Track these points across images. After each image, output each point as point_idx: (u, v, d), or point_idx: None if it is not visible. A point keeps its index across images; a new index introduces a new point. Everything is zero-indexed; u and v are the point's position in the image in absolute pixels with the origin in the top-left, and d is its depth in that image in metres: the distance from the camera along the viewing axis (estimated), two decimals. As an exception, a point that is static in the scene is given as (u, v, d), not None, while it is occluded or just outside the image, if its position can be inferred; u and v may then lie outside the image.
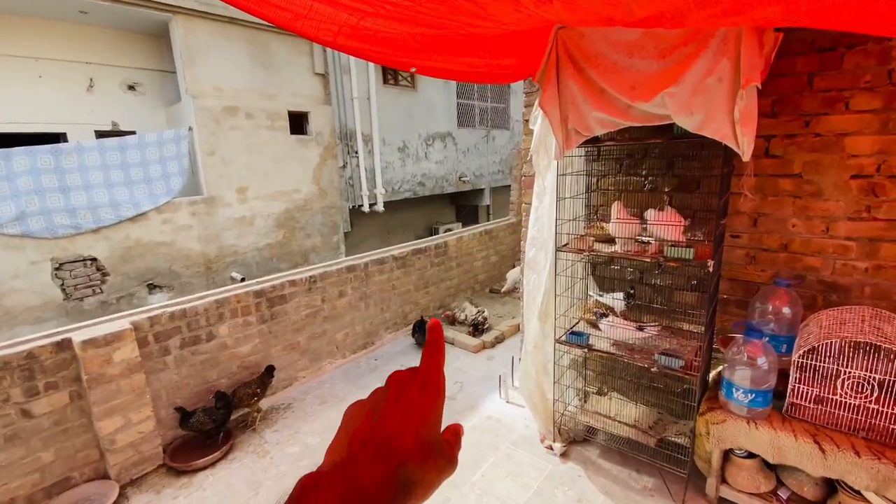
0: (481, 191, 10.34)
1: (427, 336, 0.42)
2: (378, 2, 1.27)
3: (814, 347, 2.00)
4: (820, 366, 2.01)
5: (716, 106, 1.82)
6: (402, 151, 8.35)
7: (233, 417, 3.09)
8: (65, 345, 2.45)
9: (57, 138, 5.86)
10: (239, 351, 3.25)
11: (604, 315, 2.58)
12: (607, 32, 2.01)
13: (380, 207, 7.85)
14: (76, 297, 5.14)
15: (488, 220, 9.60)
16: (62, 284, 5.03)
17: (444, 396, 0.40)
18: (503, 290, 5.66)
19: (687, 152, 2.45)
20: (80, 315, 5.09)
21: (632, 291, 2.59)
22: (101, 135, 6.09)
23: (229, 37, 6.10)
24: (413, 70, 1.88)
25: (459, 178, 9.51)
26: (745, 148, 1.81)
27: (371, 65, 7.43)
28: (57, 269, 4.98)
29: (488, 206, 10.65)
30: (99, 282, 5.28)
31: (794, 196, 2.31)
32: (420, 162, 8.70)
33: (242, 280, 6.12)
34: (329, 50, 7.09)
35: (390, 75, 8.17)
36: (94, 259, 5.21)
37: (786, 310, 2.22)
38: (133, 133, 6.11)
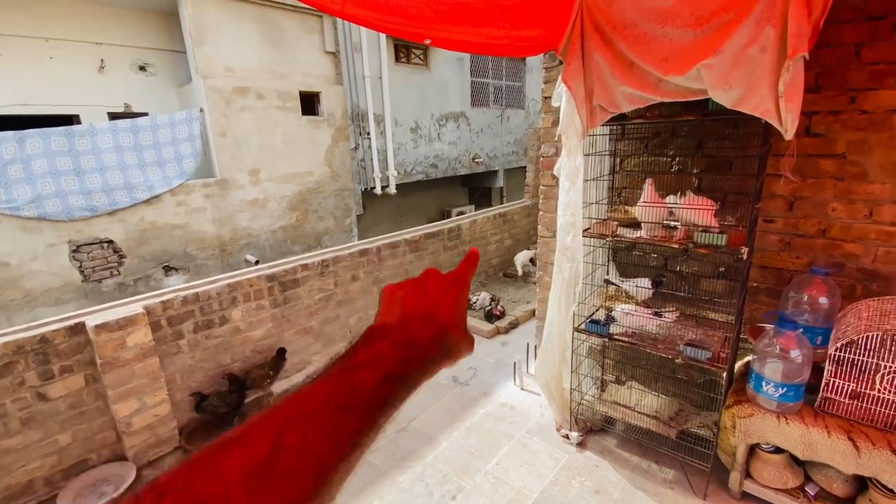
0: (495, 172, 10.14)
1: (467, 259, 0.52)
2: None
3: (852, 340, 1.88)
4: (858, 359, 1.89)
5: (758, 79, 1.67)
6: (414, 132, 8.19)
7: (247, 401, 3.10)
8: (78, 329, 2.45)
9: (70, 120, 5.86)
10: (252, 335, 3.24)
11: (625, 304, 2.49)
12: (638, -1, 1.86)
13: (392, 190, 7.76)
14: (94, 279, 5.20)
15: (502, 203, 9.44)
16: (80, 266, 5.08)
17: (468, 291, 0.51)
18: (519, 275, 5.55)
19: (720, 131, 2.29)
20: (98, 296, 5.16)
21: (662, 279, 2.47)
22: (113, 116, 6.07)
23: (239, 14, 5.97)
24: (428, 42, 1.76)
25: (473, 159, 9.33)
26: (788, 125, 1.67)
27: (383, 43, 7.24)
28: (74, 251, 5.03)
29: (502, 189, 10.47)
30: (116, 264, 5.32)
31: (835, 178, 2.15)
32: (433, 143, 8.54)
33: (257, 262, 6.13)
34: (340, 28, 6.91)
35: (403, 53, 7.96)
36: (111, 241, 5.24)
37: (823, 300, 2.09)
38: (145, 115, 6.08)
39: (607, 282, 2.70)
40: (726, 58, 1.68)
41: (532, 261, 5.63)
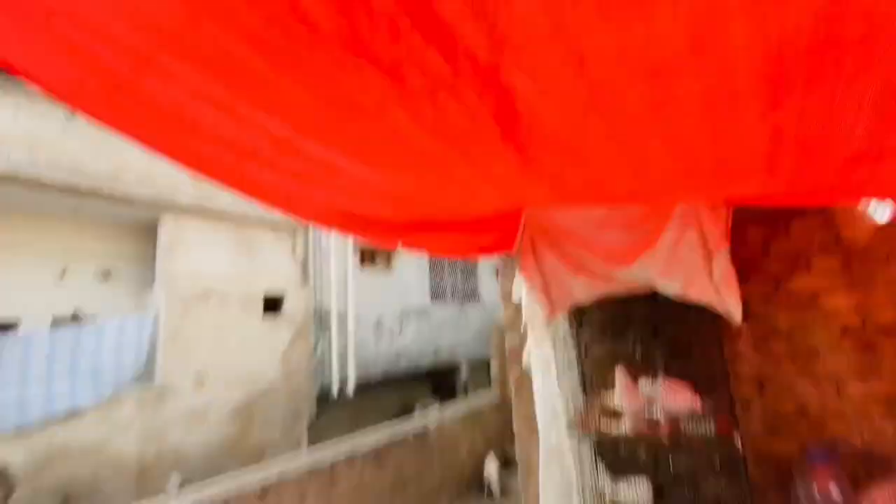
0: (458, 365, 9.98)
1: None
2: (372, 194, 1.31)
3: (886, 542, 1.65)
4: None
5: (694, 271, 1.86)
6: (377, 328, 8.22)
7: None
8: None
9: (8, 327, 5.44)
10: None
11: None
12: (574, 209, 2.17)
13: (350, 389, 7.26)
14: (-40, 526, 4.04)
15: (466, 395, 9.00)
16: (-53, 507, 4.00)
17: None
18: (496, 496, 4.82)
19: (674, 315, 2.42)
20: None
21: (662, 487, 2.21)
22: (57, 321, 5.71)
23: (216, 229, 6.36)
24: (399, 245, 1.90)
25: (435, 353, 9.25)
26: (732, 310, 1.79)
27: (350, 248, 7.85)
28: (-52, 486, 4.03)
29: (466, 382, 10.14)
30: (1, 499, 4.25)
31: (791, 356, 2.22)
32: (395, 338, 8.52)
33: (182, 485, 5.08)
34: (310, 236, 7.50)
35: (367, 257, 8.61)
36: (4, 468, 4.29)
37: (833, 489, 1.89)
38: (95, 317, 5.78)
39: (600, 495, 2.36)
40: (663, 252, 1.89)
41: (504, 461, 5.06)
